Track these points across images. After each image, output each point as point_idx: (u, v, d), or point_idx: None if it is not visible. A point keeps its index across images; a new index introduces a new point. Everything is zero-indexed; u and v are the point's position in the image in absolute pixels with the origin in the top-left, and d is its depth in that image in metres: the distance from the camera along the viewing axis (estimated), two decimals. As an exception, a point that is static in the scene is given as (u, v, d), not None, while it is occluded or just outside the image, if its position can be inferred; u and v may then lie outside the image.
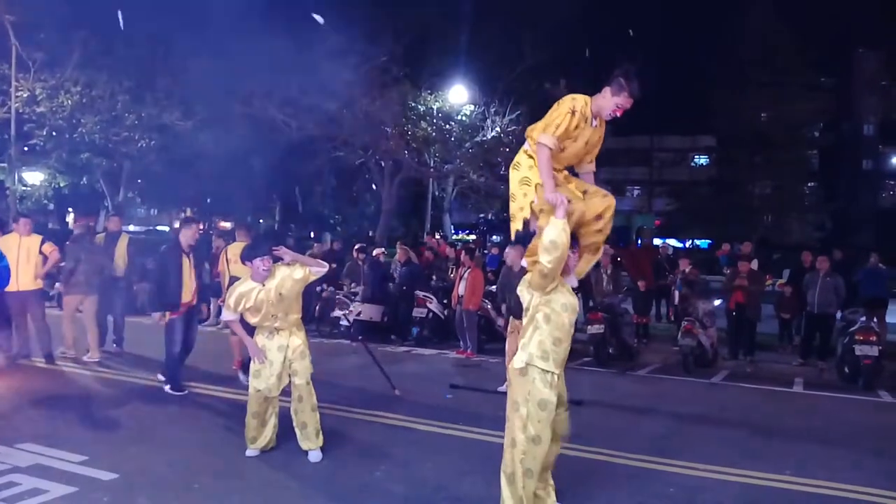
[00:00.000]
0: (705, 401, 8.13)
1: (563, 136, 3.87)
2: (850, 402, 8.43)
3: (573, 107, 3.87)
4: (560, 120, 3.85)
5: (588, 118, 3.92)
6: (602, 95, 3.95)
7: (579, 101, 3.91)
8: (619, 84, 3.89)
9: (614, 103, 3.90)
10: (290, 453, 5.20)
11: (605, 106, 3.94)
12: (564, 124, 3.84)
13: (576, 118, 3.86)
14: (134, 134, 20.50)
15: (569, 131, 3.86)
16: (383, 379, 7.51)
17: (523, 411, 3.89)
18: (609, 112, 3.94)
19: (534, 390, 3.87)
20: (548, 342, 3.86)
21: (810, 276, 10.68)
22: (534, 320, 3.90)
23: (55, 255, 8.44)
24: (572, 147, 3.95)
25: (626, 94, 3.89)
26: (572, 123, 3.85)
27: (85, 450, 5.05)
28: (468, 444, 5.79)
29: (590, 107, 3.93)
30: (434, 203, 25.06)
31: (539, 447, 3.88)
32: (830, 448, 6.19)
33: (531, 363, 3.87)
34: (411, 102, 19.54)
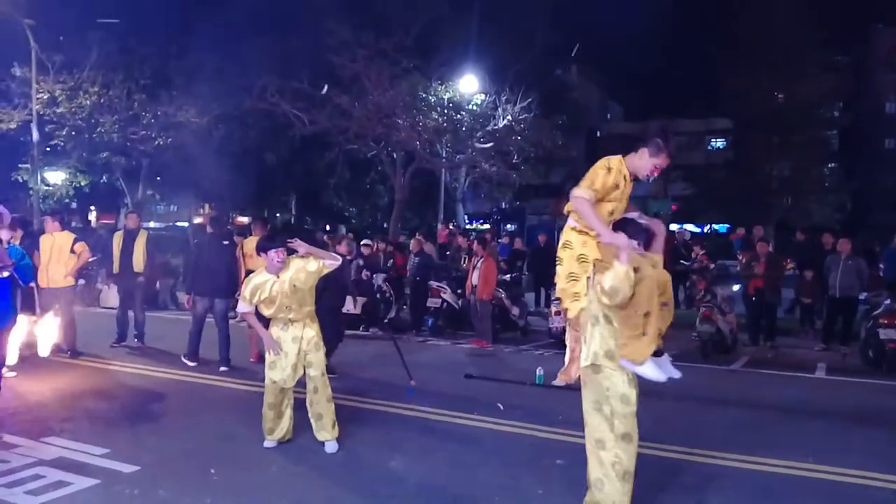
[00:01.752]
0: (725, 388, 8.07)
1: (601, 193, 3.84)
2: (875, 387, 8.33)
3: (608, 164, 3.89)
4: (594, 176, 3.86)
5: (626, 176, 3.92)
6: (638, 156, 3.96)
7: (613, 161, 3.93)
8: (658, 145, 3.92)
9: (653, 164, 3.93)
10: (306, 444, 5.24)
11: (642, 166, 3.96)
12: (600, 179, 3.84)
13: (612, 176, 3.86)
14: (151, 132, 20.78)
15: (606, 187, 3.85)
16: (397, 369, 7.54)
17: (606, 410, 3.72)
18: (647, 173, 3.96)
19: (612, 386, 3.71)
20: (608, 342, 3.71)
21: (831, 258, 10.53)
22: (596, 318, 3.77)
23: (86, 254, 8.63)
24: (619, 207, 3.95)
25: (665, 154, 3.92)
26: (608, 180, 3.85)
27: (107, 443, 5.12)
28: (483, 434, 5.80)
29: (625, 165, 3.92)
30: (447, 193, 24.99)
31: (631, 445, 3.69)
32: (855, 435, 6.12)
33: (596, 362, 3.74)
34: (422, 93, 19.45)
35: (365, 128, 19.29)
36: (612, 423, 3.74)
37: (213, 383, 7.39)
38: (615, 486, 3.70)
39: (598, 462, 3.76)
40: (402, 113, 18.96)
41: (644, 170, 3.96)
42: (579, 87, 37.96)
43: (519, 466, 4.97)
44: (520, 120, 19.63)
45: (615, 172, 3.84)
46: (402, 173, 21.23)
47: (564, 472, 4.86)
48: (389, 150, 21.04)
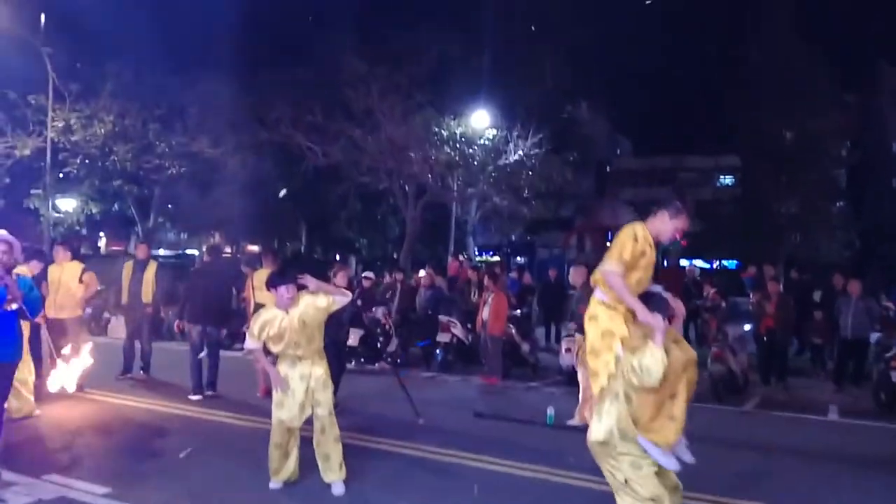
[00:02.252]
0: (737, 430, 7.95)
1: (630, 263, 3.86)
2: (887, 430, 8.19)
3: (634, 233, 3.91)
4: (622, 247, 3.88)
5: (650, 242, 3.95)
6: (659, 219, 4.01)
7: (638, 228, 3.95)
8: (677, 207, 4.00)
9: (674, 226, 3.99)
10: (312, 485, 5.17)
11: (665, 230, 4.01)
12: (629, 248, 3.86)
13: (640, 244, 3.88)
14: (164, 161, 21.00)
15: (634, 257, 3.87)
16: (404, 405, 7.47)
17: (620, 478, 3.77)
18: (669, 235, 4.03)
19: (621, 460, 3.78)
20: (624, 421, 3.76)
21: (843, 299, 10.45)
22: (616, 394, 3.80)
23: (94, 284, 8.65)
24: (645, 275, 3.96)
25: (685, 216, 4.00)
26: (637, 249, 3.88)
27: (110, 482, 5.06)
28: (493, 476, 5.70)
29: (647, 230, 3.96)
30: (457, 226, 25.11)
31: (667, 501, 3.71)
32: (869, 481, 5.99)
33: (611, 441, 3.78)
34: (434, 128, 19.67)
35: (377, 161, 19.50)
36: (634, 490, 3.74)
37: (220, 419, 7.32)
38: None
39: None
40: (415, 146, 19.17)
41: (666, 233, 4.01)
42: (589, 122, 38.22)
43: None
44: (531, 155, 19.77)
45: (642, 240, 3.84)
46: (414, 206, 21.35)
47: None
48: (402, 182, 21.20)
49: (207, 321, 8.50)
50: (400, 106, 19.07)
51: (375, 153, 19.43)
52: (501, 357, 10.40)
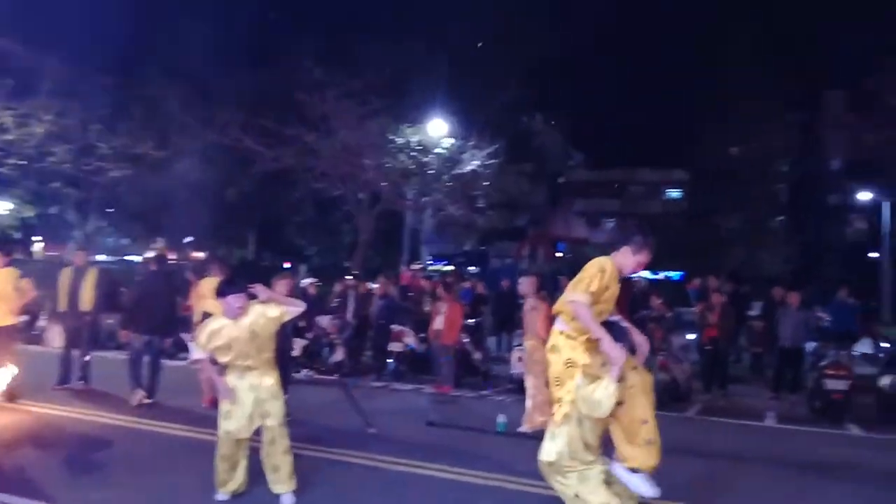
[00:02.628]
0: (680, 436, 8.09)
1: (597, 295, 3.94)
2: (821, 436, 8.53)
3: (602, 266, 4.00)
4: (590, 280, 3.96)
5: (615, 276, 4.05)
6: (622, 254, 4.14)
7: (606, 262, 4.05)
8: (640, 242, 4.12)
9: (636, 261, 4.12)
10: (260, 497, 5.07)
11: (627, 263, 4.13)
12: (596, 281, 3.95)
13: (606, 277, 3.98)
14: (106, 164, 20.29)
15: (601, 290, 3.95)
16: (354, 415, 7.42)
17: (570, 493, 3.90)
18: (632, 269, 4.16)
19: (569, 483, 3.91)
20: (576, 443, 3.88)
21: (782, 310, 10.84)
22: (569, 416, 3.91)
23: (30, 292, 8.27)
24: (602, 307, 4.04)
25: (647, 250, 4.12)
26: (603, 282, 3.96)
27: (49, 497, 4.87)
28: (445, 485, 5.71)
29: (614, 265, 4.06)
30: (411, 234, 25.09)
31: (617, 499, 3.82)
32: (802, 483, 6.22)
33: (561, 462, 3.89)
34: (390, 135, 19.64)
35: (331, 167, 19.32)
36: (584, 500, 3.86)
37: (163, 430, 7.12)
38: None
39: None
40: (370, 153, 19.08)
41: (629, 267, 4.14)
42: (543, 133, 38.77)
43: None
44: (486, 165, 19.93)
45: (608, 275, 3.96)
46: (368, 213, 21.24)
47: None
48: (356, 189, 21.07)
49: (152, 330, 8.39)
50: (356, 112, 18.96)
51: (329, 159, 19.27)
52: (454, 366, 10.43)
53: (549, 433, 3.97)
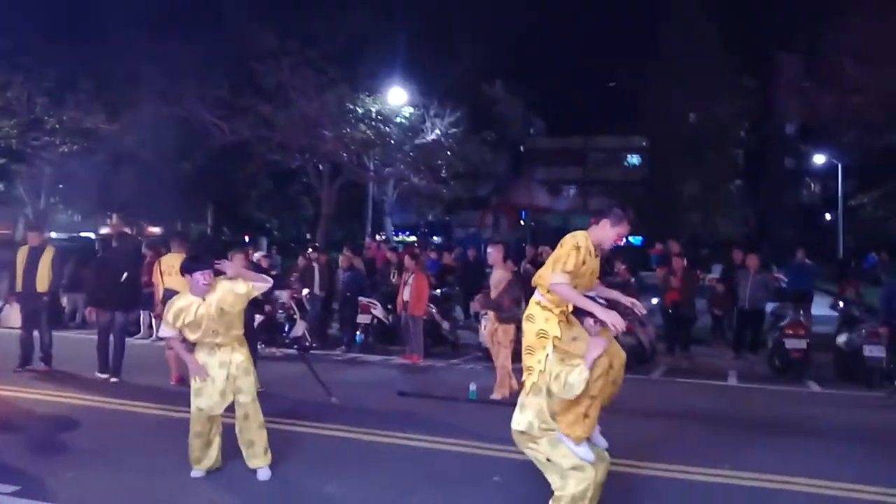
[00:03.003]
0: (645, 397, 8.31)
1: (574, 272, 3.92)
2: (781, 393, 8.83)
3: (576, 243, 3.97)
4: (566, 257, 3.93)
5: (592, 251, 4.02)
6: (601, 228, 4.10)
7: (580, 237, 4.01)
8: (618, 215, 4.09)
9: (615, 233, 4.08)
10: (236, 472, 5.04)
11: (606, 237, 4.10)
12: (573, 259, 3.92)
13: (582, 253, 3.94)
14: (55, 138, 19.52)
15: (577, 266, 3.93)
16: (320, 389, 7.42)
17: (542, 458, 3.92)
18: (611, 242, 4.13)
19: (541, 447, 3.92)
20: (545, 413, 3.90)
21: (741, 273, 11.09)
22: (539, 388, 3.92)
23: None
24: (582, 282, 4.02)
25: (626, 222, 4.10)
26: (580, 258, 3.93)
27: (17, 479, 4.75)
28: (418, 454, 5.75)
29: (590, 240, 4.03)
30: (374, 206, 24.90)
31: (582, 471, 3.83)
32: (766, 441, 6.43)
33: (531, 432, 3.90)
34: (349, 104, 19.32)
35: (289, 138, 18.96)
36: (556, 463, 3.87)
37: (131, 409, 7.00)
38: None
39: None
40: (329, 124, 18.77)
41: (608, 240, 4.12)
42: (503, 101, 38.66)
43: (456, 484, 4.97)
44: (448, 134, 19.78)
45: (584, 250, 3.96)
46: (329, 186, 20.97)
47: (502, 489, 4.89)
48: (315, 161, 20.74)
49: (115, 306, 8.41)
50: (312, 81, 18.56)
51: (287, 130, 18.88)
52: (423, 336, 10.47)
53: (519, 403, 4.02)
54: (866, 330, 9.13)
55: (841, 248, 29.01)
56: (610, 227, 4.09)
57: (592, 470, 3.86)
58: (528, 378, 4.03)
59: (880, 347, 8.81)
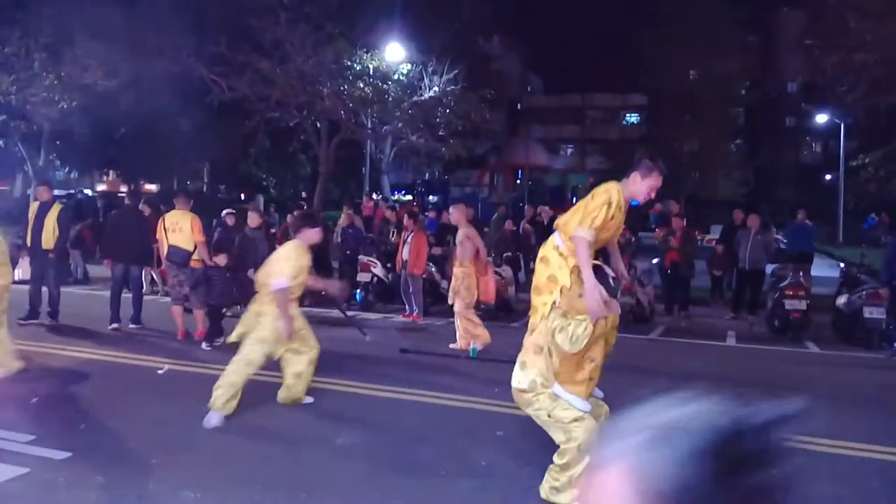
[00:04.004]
0: (645, 357, 8.45)
1: (601, 228, 3.93)
2: (781, 353, 8.93)
3: (609, 199, 3.95)
4: (597, 213, 3.93)
5: (622, 206, 4.00)
6: (632, 181, 4.06)
7: (613, 192, 3.99)
8: (647, 166, 4.03)
9: (647, 185, 4.03)
10: (247, 423, 5.16)
11: (638, 190, 4.06)
12: (602, 216, 3.92)
13: (612, 209, 3.94)
14: (53, 94, 19.32)
15: (605, 222, 3.93)
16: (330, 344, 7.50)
17: (544, 416, 3.98)
18: (644, 195, 4.07)
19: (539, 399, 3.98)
20: (548, 372, 3.96)
21: (741, 233, 11.12)
22: (540, 347, 3.98)
23: None
24: (605, 235, 4.04)
25: (657, 173, 4.04)
26: (609, 214, 3.93)
27: (32, 429, 4.86)
28: (424, 409, 5.87)
29: (622, 194, 4.00)
30: (371, 164, 24.74)
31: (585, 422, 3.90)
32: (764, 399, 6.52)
33: (535, 390, 3.96)
34: (347, 61, 19.04)
35: (287, 95, 18.72)
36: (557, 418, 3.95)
37: (136, 363, 7.09)
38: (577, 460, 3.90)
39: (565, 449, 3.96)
40: (327, 81, 18.53)
41: (641, 193, 4.08)
42: (501, 58, 38.15)
43: (462, 439, 5.08)
44: (447, 92, 19.57)
45: (614, 206, 3.96)
46: (327, 143, 20.81)
47: (506, 444, 5.00)
48: (313, 119, 20.55)
49: (131, 261, 8.84)
50: (310, 37, 18.26)
51: (285, 87, 18.64)
52: (422, 295, 10.55)
53: (520, 361, 4.07)
54: (866, 291, 9.20)
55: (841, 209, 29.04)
56: (640, 179, 4.04)
57: (593, 421, 3.95)
58: (533, 316, 4.09)
59: (881, 309, 8.89)
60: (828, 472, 4.50)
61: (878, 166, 21.40)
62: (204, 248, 8.23)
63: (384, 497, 4.02)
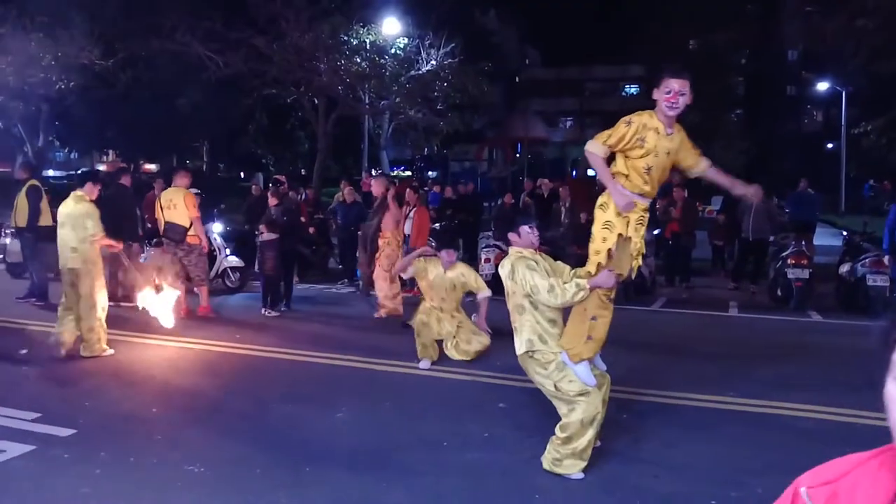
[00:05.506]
0: (647, 328, 8.46)
1: (617, 147, 3.89)
2: (784, 322, 8.92)
3: (629, 118, 3.90)
4: (612, 130, 3.89)
5: (656, 128, 3.89)
6: (655, 101, 3.95)
7: (636, 115, 3.93)
8: (658, 77, 3.94)
9: (663, 94, 3.88)
10: (246, 401, 5.19)
11: (659, 106, 3.91)
12: (618, 133, 3.87)
13: (633, 127, 3.85)
14: (51, 75, 19.16)
15: (624, 141, 3.86)
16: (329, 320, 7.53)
17: (550, 386, 3.99)
18: (666, 106, 3.87)
19: (547, 364, 3.99)
20: (539, 326, 3.99)
21: (744, 203, 11.03)
22: (521, 307, 4.01)
23: None
24: (656, 161, 3.93)
25: (666, 76, 3.87)
26: (629, 132, 3.85)
27: (37, 406, 4.89)
28: (426, 382, 5.90)
29: (655, 118, 3.91)
30: (370, 140, 24.61)
31: (588, 397, 3.91)
32: (769, 369, 6.54)
33: (532, 349, 4.00)
34: (343, 36, 18.84)
35: (284, 72, 18.57)
36: (562, 390, 3.96)
37: (136, 340, 7.09)
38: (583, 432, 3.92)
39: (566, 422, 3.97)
40: (324, 56, 18.35)
41: (662, 106, 3.89)
42: (498, 31, 37.72)
43: (463, 412, 5.10)
44: (444, 65, 19.38)
45: (636, 126, 3.85)
46: (325, 120, 20.67)
47: (508, 416, 5.02)
48: (310, 95, 20.39)
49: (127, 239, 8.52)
50: (306, 13, 18.06)
51: (281, 63, 18.48)
52: (424, 269, 10.52)
53: (514, 328, 4.11)
54: (869, 259, 9.17)
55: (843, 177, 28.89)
56: (656, 93, 3.93)
57: (598, 395, 3.96)
58: (588, 264, 4.11)
59: (884, 276, 8.87)
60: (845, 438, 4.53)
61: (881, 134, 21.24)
62: (199, 224, 8.21)
63: (387, 470, 4.04)
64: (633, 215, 3.97)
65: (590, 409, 3.90)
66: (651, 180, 3.96)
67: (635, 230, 4.01)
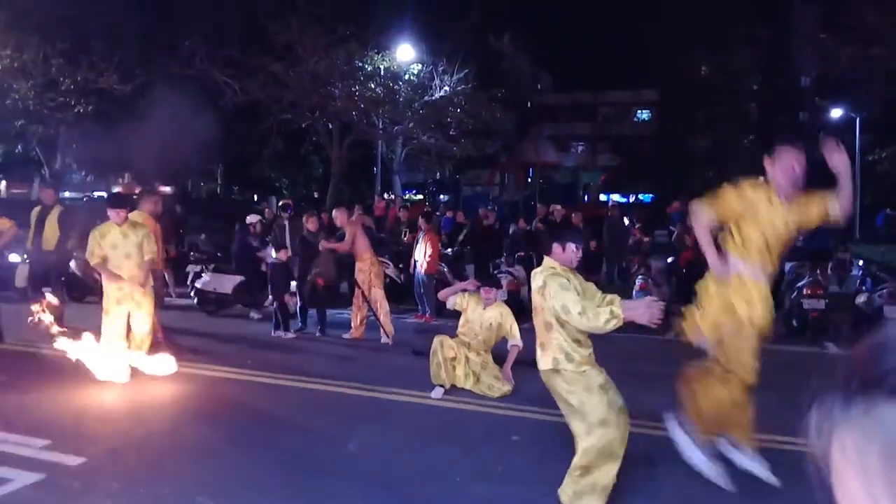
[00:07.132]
0: (660, 357, 8.35)
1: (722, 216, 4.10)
2: (798, 354, 8.78)
3: (736, 187, 4.10)
4: (719, 196, 4.10)
5: (767, 196, 4.03)
6: (770, 171, 4.07)
7: (742, 184, 4.10)
8: (776, 150, 4.06)
9: (779, 167, 4.01)
10: (260, 431, 5.16)
11: (777, 178, 4.02)
12: (721, 202, 4.09)
13: (729, 196, 4.05)
14: (70, 99, 19.51)
15: (729, 204, 4.04)
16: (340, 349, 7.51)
17: (574, 401, 3.90)
18: (785, 177, 4.00)
19: (574, 382, 3.91)
20: (566, 345, 3.93)
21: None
22: (549, 324, 3.96)
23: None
24: (772, 230, 4.07)
25: (784, 148, 4.04)
26: (731, 197, 4.04)
27: (46, 433, 4.88)
28: (438, 413, 5.85)
29: (769, 187, 4.04)
30: (383, 165, 24.79)
31: (610, 428, 3.83)
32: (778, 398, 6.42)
33: (558, 367, 3.92)
34: (358, 62, 19.10)
35: (300, 97, 18.81)
36: (583, 412, 3.86)
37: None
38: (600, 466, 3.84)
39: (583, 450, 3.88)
40: (339, 82, 18.59)
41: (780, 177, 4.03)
42: (511, 56, 38.02)
43: (476, 444, 5.04)
44: (457, 91, 19.56)
45: (742, 196, 4.00)
46: (339, 144, 20.86)
47: (521, 449, 4.96)
48: (325, 120, 20.61)
49: None
50: (322, 39, 18.34)
51: (297, 89, 18.74)
52: (434, 295, 10.49)
53: (538, 343, 4.04)
54: (887, 290, 9.05)
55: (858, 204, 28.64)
56: (771, 165, 4.05)
57: (616, 430, 3.88)
58: None
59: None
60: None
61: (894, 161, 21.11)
62: None
63: (399, 502, 3.99)
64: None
65: (605, 437, 3.83)
66: (770, 249, 4.15)
67: None
